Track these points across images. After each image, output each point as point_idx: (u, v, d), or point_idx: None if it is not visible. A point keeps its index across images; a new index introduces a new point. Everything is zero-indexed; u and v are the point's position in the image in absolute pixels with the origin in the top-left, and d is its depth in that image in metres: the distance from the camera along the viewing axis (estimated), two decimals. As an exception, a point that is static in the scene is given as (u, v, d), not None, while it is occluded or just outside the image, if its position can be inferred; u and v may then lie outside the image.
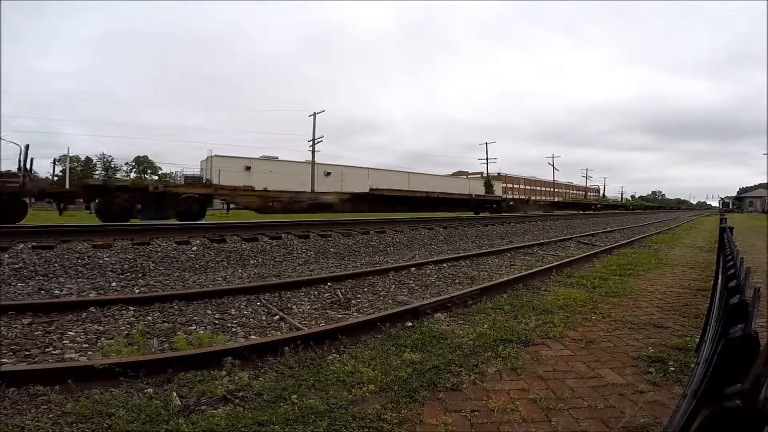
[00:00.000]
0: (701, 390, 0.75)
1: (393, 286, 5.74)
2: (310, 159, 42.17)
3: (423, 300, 4.66)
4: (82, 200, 11.89)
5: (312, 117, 41.69)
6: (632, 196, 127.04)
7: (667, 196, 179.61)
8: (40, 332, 3.60)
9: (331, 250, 9.06)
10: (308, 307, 4.66)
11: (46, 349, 3.27)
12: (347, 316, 4.31)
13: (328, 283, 5.67)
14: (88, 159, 71.29)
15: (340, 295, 5.10)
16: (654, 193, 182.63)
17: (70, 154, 56.72)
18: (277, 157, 53.40)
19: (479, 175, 70.23)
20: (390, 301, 4.98)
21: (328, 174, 50.96)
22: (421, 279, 6.26)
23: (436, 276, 6.51)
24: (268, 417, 2.22)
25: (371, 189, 18.55)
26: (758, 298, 1.05)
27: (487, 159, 59.99)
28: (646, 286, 5.89)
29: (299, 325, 3.95)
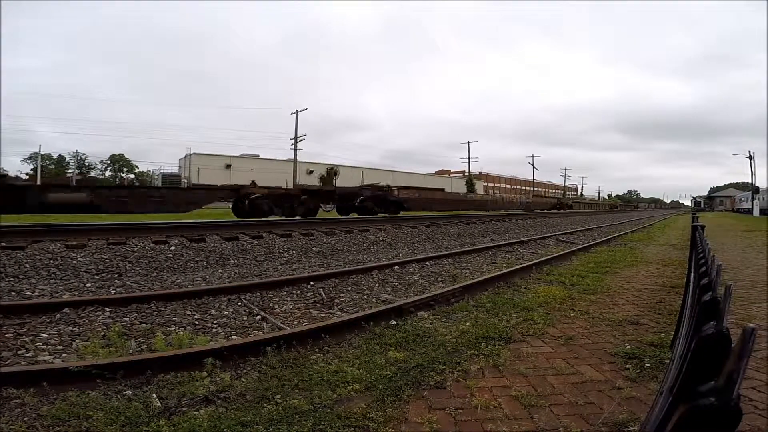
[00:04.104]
0: (676, 387, 0.77)
1: (377, 285, 5.75)
2: (293, 157, 41.81)
3: (406, 298, 4.68)
4: None
5: (294, 115, 41.34)
6: (609, 195, 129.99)
7: (642, 195, 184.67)
8: (11, 334, 3.48)
9: (314, 249, 9.01)
10: (291, 306, 4.63)
11: (18, 352, 3.16)
12: (331, 315, 4.30)
13: (311, 282, 5.64)
14: (61, 157, 68.97)
15: (323, 294, 5.08)
16: (630, 192, 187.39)
17: (42, 152, 54.88)
18: (258, 155, 52.71)
19: (461, 174, 70.75)
20: (374, 299, 4.99)
21: (311, 172, 50.58)
22: (405, 277, 6.28)
23: (419, 274, 6.55)
24: (252, 417, 2.20)
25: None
26: (729, 295, 1.10)
27: (468, 158, 60.54)
28: (622, 283, 6.05)
29: (282, 325, 3.92)
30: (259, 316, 4.19)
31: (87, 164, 70.60)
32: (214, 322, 4.02)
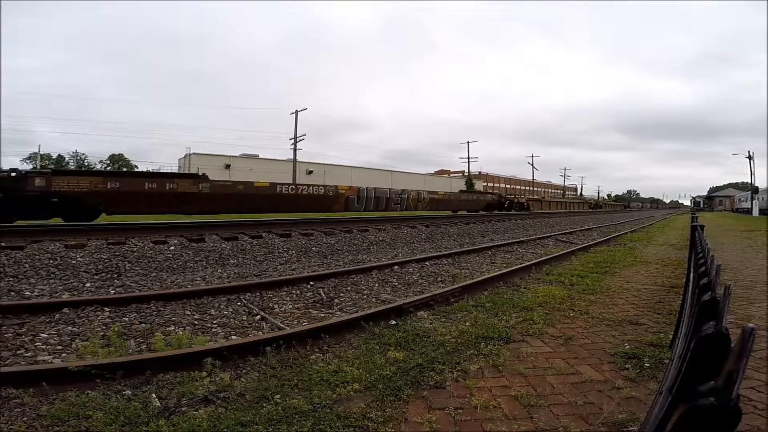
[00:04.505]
0: (676, 387, 0.77)
1: (376, 285, 5.75)
2: (292, 157, 41.78)
3: (406, 298, 4.68)
4: None
5: (294, 115, 41.30)
6: (608, 195, 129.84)
7: (642, 195, 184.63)
8: (10, 334, 3.48)
9: (314, 248, 9.01)
10: (290, 306, 4.63)
11: (18, 352, 3.16)
12: (330, 315, 4.30)
13: (311, 282, 5.64)
14: (60, 157, 68.80)
15: (323, 294, 5.08)
16: (629, 191, 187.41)
17: (42, 152, 54.85)
18: (258, 155, 52.66)
19: (461, 174, 70.77)
20: (373, 299, 4.99)
21: (311, 172, 50.56)
22: (404, 277, 6.28)
23: (418, 274, 6.55)
24: (251, 417, 2.20)
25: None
26: (729, 295, 1.10)
27: (468, 158, 60.48)
28: (621, 283, 6.05)
29: (281, 325, 3.92)
30: (258, 316, 4.19)
31: (86, 164, 70.49)
32: (214, 322, 4.02)
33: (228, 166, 45.94)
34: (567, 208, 48.48)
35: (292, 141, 41.42)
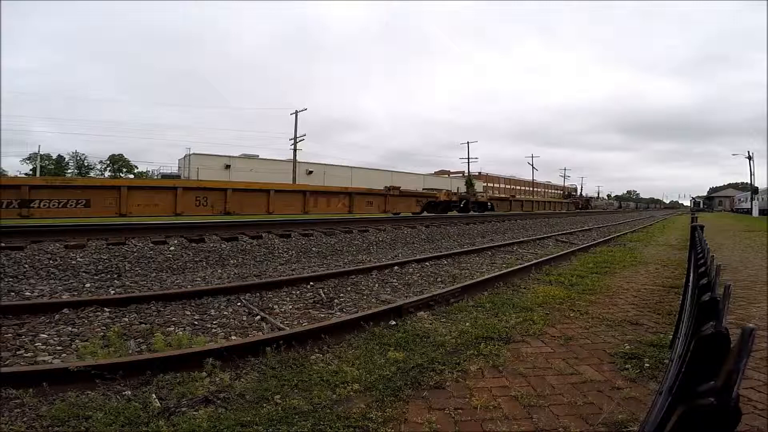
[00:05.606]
0: (675, 387, 0.77)
1: (376, 285, 5.75)
2: (292, 157, 41.78)
3: (406, 298, 4.67)
4: None
5: (294, 115, 41.30)
6: (608, 195, 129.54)
7: (642, 195, 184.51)
8: (10, 335, 3.48)
9: (314, 249, 9.01)
10: (290, 306, 4.63)
11: (18, 352, 3.16)
12: (330, 316, 4.30)
13: (311, 283, 5.64)
14: (60, 157, 68.68)
15: (323, 295, 5.08)
16: (629, 192, 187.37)
17: (41, 153, 54.86)
18: (258, 156, 52.69)
19: (461, 174, 70.79)
20: (373, 299, 4.99)
21: (310, 172, 50.59)
22: (404, 278, 6.28)
23: (418, 274, 6.55)
24: (251, 418, 2.20)
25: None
26: (728, 295, 1.10)
27: (468, 158, 60.51)
28: (621, 283, 6.05)
29: (281, 325, 3.92)
30: (258, 317, 4.19)
31: (86, 164, 70.49)
32: (214, 322, 4.02)
33: (228, 167, 45.95)
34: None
35: (292, 141, 41.42)
